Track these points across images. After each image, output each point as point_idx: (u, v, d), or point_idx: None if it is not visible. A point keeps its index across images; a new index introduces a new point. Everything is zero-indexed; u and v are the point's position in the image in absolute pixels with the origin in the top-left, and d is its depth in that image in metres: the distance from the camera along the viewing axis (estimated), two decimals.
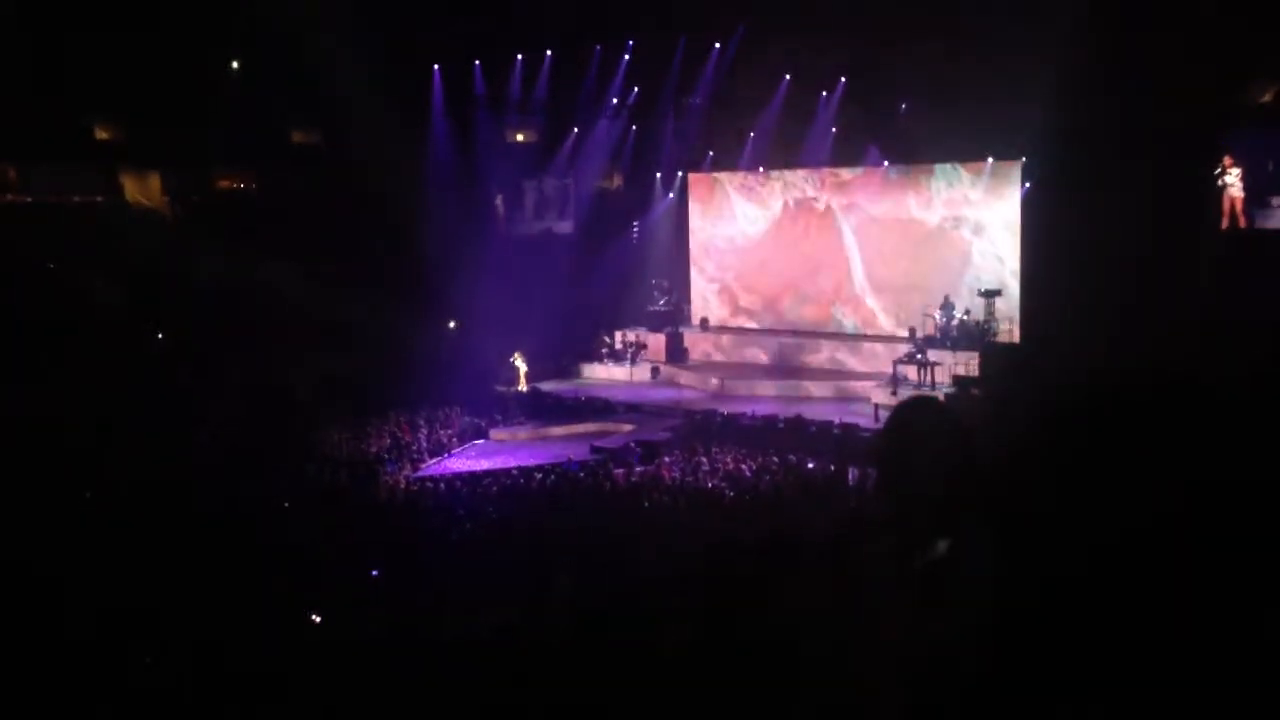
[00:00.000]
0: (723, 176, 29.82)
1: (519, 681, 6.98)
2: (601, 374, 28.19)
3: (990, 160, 25.01)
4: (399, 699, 7.22)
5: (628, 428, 23.08)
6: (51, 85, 24.86)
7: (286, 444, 20.55)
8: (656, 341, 28.53)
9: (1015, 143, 23.67)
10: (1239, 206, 20.77)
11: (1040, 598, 1.11)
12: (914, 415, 2.19)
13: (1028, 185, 24.42)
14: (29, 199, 27.47)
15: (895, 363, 23.26)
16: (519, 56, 28.76)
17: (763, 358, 27.90)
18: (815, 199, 28.10)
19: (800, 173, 28.25)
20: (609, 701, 5.85)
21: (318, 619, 9.45)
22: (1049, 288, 22.33)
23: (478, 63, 28.77)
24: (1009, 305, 24.08)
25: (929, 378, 22.39)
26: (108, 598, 9.36)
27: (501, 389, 25.48)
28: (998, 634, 1.14)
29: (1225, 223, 20.82)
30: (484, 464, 21.25)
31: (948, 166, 25.66)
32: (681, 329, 29.13)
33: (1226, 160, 20.60)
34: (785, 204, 28.70)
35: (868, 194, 27.16)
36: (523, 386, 25.70)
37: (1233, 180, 20.68)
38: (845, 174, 27.54)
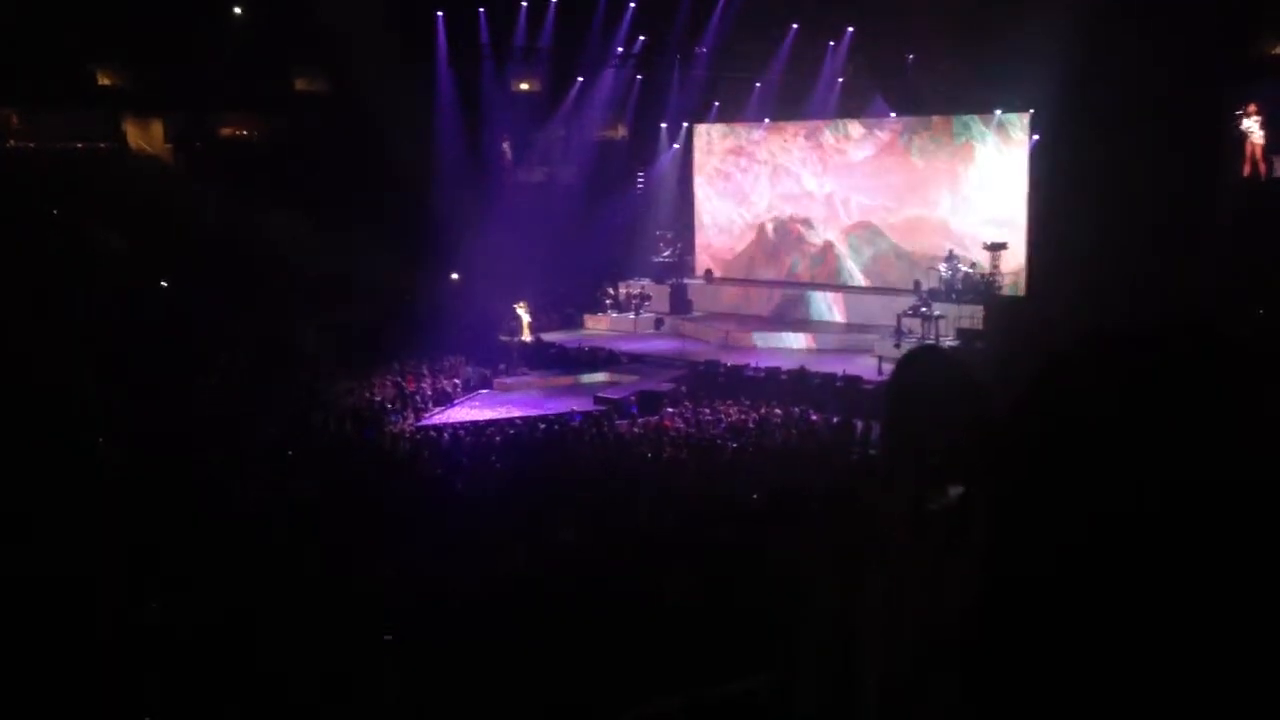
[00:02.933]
0: (728, 131, 29.74)
1: (522, 629, 7.05)
2: (605, 325, 28.18)
3: (999, 112, 24.82)
4: (404, 645, 7.30)
5: (631, 379, 23.12)
6: (54, 30, 24.67)
7: (291, 393, 20.61)
8: (660, 293, 28.49)
9: (1024, 94, 23.47)
10: (1259, 153, 20.62)
11: (1040, 553, 1.11)
12: (920, 365, 2.20)
13: (1036, 137, 24.25)
14: (32, 145, 27.35)
15: (899, 315, 23.21)
16: (524, 4, 28.45)
17: (766, 310, 27.87)
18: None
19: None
20: (610, 648, 5.92)
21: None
22: (1057, 240, 22.25)
23: (482, 10, 28.48)
24: (1014, 258, 24.00)
25: (933, 331, 22.37)
26: (111, 541, 9.45)
27: (505, 339, 25.48)
28: (997, 590, 1.15)
29: (1246, 169, 20.68)
30: (488, 414, 21.33)
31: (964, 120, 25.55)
32: (685, 280, 29.08)
33: (1251, 107, 20.40)
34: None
35: (869, 171, 27.06)
36: (526, 337, 25.70)
37: (1253, 126, 20.51)
38: (852, 152, 27.31)
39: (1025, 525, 1.06)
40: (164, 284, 24.55)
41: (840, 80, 27.22)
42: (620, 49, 29.33)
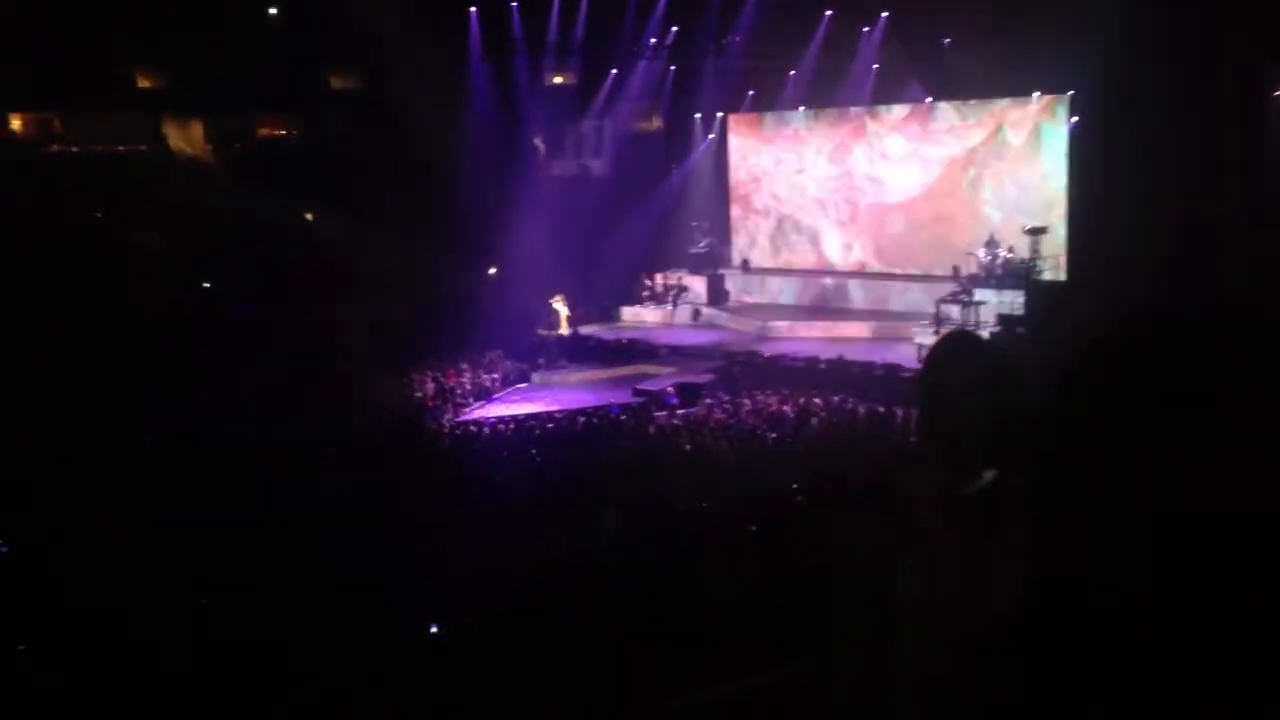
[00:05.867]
0: (763, 121, 29.59)
1: (563, 621, 7.06)
2: (642, 317, 28.18)
3: (1037, 94, 24.54)
4: (446, 636, 7.34)
5: (670, 370, 23.11)
6: (93, 34, 24.96)
7: (332, 389, 20.76)
8: (697, 284, 28.44)
9: (1063, 76, 23.17)
10: None
11: (1079, 543, 1.09)
12: (954, 350, 2.17)
13: (1075, 119, 23.95)
14: (75, 149, 27.71)
15: (939, 302, 23.01)
16: None
17: (804, 299, 27.74)
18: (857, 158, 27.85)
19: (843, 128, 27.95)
20: (651, 639, 5.92)
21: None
22: (1098, 223, 21.95)
23: (515, 4, 28.49)
24: (1055, 242, 23.72)
25: (973, 317, 22.16)
26: (153, 537, 9.56)
27: (543, 333, 25.55)
28: (1035, 580, 1.13)
29: None
30: (527, 408, 21.41)
31: (997, 102, 25.30)
32: (722, 271, 29.01)
33: None
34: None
35: (911, 136, 26.83)
36: (564, 330, 25.75)
37: None
38: (891, 120, 27.10)
39: (1072, 509, 1.04)
40: (206, 285, 24.81)
41: (876, 66, 26.99)
42: (653, 40, 29.25)
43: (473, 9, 28.19)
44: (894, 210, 27.15)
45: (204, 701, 5.82)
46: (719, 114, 30.35)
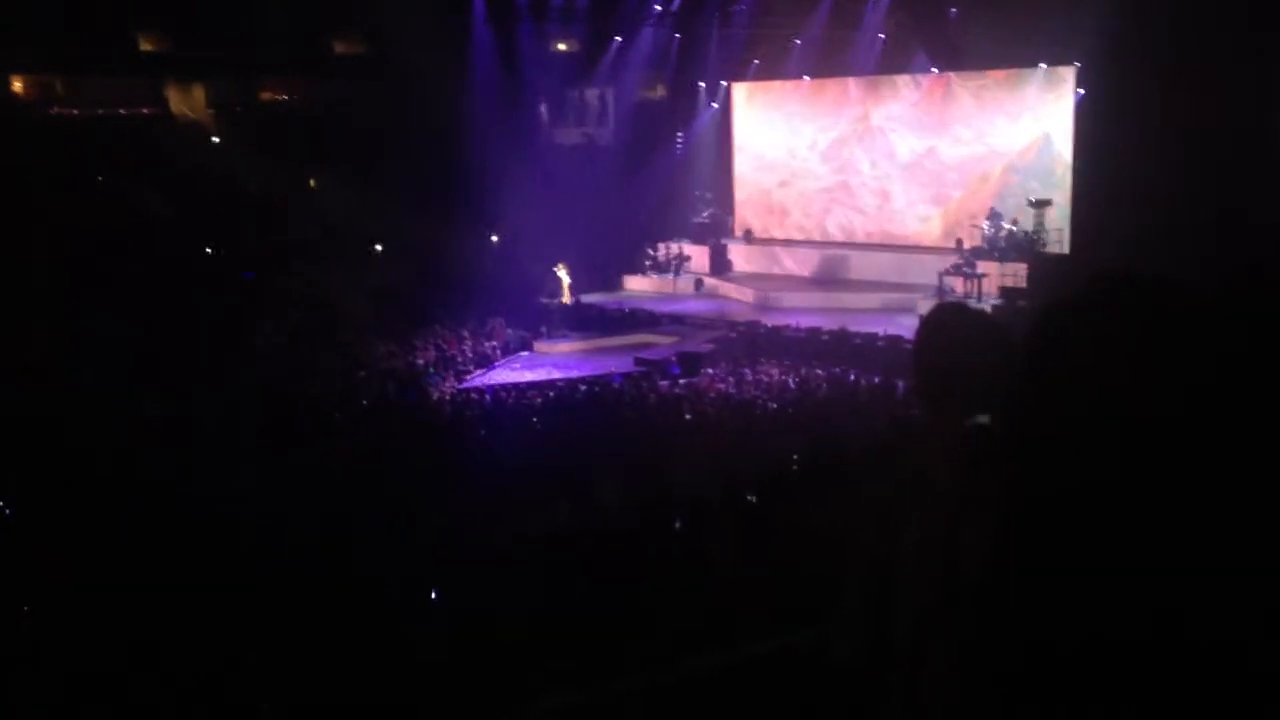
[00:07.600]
0: (768, 90, 29.41)
1: (562, 588, 7.10)
2: (645, 286, 28.15)
3: (1043, 66, 24.39)
4: (448, 603, 7.38)
5: (671, 340, 23.10)
6: None
7: (334, 355, 20.79)
8: (700, 253, 28.38)
9: (1069, 47, 23.01)
10: None
11: (1058, 497, 1.10)
12: (946, 312, 2.19)
13: (1081, 91, 23.81)
14: (76, 112, 27.62)
15: (941, 274, 22.96)
16: None
17: (806, 270, 27.70)
18: (863, 123, 27.65)
19: (850, 89, 27.75)
20: (651, 606, 5.96)
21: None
22: (1102, 196, 21.85)
23: None
24: (1059, 215, 23.64)
25: (976, 289, 22.11)
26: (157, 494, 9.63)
27: (545, 301, 25.52)
28: (1016, 532, 1.15)
29: None
30: (528, 376, 21.42)
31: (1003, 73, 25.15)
32: (725, 241, 28.94)
33: None
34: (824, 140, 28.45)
35: (917, 110, 26.69)
36: (566, 298, 25.71)
37: None
38: (898, 92, 26.95)
39: (1027, 463, 1.06)
40: (209, 250, 24.78)
41: (881, 36, 26.83)
42: (658, 7, 29.05)
43: None
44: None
45: (205, 674, 5.88)
46: (723, 82, 30.18)
